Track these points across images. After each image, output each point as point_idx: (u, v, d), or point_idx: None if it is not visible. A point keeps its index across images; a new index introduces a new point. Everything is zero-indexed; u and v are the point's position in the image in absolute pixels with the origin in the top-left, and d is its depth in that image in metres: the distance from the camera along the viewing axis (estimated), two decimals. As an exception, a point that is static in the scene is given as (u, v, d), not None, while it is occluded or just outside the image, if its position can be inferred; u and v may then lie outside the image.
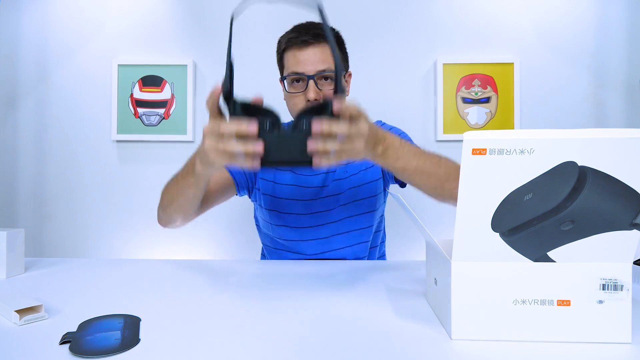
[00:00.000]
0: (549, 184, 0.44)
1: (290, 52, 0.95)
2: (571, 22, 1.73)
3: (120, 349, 0.45)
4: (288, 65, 0.96)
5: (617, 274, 0.47)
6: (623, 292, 0.46)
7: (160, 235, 1.74)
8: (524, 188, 0.45)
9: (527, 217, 0.46)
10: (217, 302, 0.63)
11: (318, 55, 0.93)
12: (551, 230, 0.46)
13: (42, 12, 1.76)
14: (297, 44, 0.94)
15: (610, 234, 0.45)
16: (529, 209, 0.45)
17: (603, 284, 0.47)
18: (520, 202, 0.45)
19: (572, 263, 0.47)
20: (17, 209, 1.77)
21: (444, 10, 1.75)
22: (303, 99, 0.94)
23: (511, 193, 0.45)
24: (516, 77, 1.71)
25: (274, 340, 0.48)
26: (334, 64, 0.64)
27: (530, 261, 0.48)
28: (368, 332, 0.51)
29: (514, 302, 0.48)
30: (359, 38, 1.74)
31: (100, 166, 1.77)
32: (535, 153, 0.43)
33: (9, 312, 0.53)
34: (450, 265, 0.48)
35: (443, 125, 1.72)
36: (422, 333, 0.51)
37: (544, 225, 0.46)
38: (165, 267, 0.86)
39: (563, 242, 0.46)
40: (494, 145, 0.43)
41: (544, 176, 0.44)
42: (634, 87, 1.72)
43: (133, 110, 1.74)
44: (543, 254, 0.47)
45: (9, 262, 0.77)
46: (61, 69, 1.76)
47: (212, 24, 1.76)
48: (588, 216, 0.45)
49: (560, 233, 0.46)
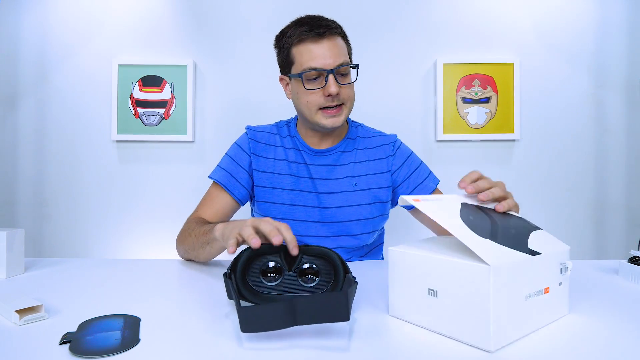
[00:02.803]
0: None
1: (304, 47, 0.91)
2: (571, 22, 1.73)
3: (120, 349, 0.45)
4: (302, 60, 0.91)
5: (565, 258, 0.55)
6: (568, 272, 0.55)
7: (160, 235, 1.75)
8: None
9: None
10: (217, 302, 0.63)
11: (334, 49, 0.91)
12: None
13: (42, 12, 1.76)
14: (312, 36, 0.90)
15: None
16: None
17: (562, 267, 0.54)
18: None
19: (548, 254, 0.52)
20: (17, 209, 1.77)
21: (444, 10, 1.75)
22: (322, 94, 0.91)
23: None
24: (516, 77, 1.71)
25: (274, 340, 0.48)
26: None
27: (526, 254, 0.49)
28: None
29: (526, 297, 0.49)
30: (359, 38, 1.74)
31: (100, 166, 1.77)
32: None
33: (9, 312, 0.53)
34: (490, 270, 0.44)
35: (443, 125, 1.72)
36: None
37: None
38: (165, 267, 0.86)
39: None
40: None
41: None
42: (634, 87, 1.72)
43: (133, 110, 1.74)
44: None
45: (9, 262, 0.77)
46: (61, 69, 1.76)
47: (212, 24, 1.76)
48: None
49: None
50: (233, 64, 1.76)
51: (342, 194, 1.00)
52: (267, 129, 1.07)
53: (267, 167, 1.01)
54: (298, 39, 0.92)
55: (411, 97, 1.76)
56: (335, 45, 0.92)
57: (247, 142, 1.03)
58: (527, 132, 1.75)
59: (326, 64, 0.89)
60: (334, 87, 0.89)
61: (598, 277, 0.76)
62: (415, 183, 1.02)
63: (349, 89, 0.95)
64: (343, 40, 0.97)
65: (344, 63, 0.91)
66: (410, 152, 1.07)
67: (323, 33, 0.90)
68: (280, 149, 1.03)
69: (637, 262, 0.73)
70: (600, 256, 1.74)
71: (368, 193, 1.01)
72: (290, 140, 1.04)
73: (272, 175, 1.01)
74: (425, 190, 1.01)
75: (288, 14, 1.74)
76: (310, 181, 1.01)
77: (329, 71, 0.89)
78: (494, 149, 1.76)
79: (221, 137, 1.75)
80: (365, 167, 1.02)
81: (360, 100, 1.74)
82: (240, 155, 1.02)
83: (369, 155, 1.04)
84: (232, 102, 1.77)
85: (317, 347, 0.47)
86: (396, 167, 1.03)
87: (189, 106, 1.73)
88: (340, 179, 1.01)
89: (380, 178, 1.02)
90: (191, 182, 1.76)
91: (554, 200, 1.75)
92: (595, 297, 0.64)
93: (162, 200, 1.76)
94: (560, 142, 1.75)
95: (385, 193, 1.02)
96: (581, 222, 1.75)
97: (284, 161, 1.02)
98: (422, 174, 1.04)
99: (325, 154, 1.02)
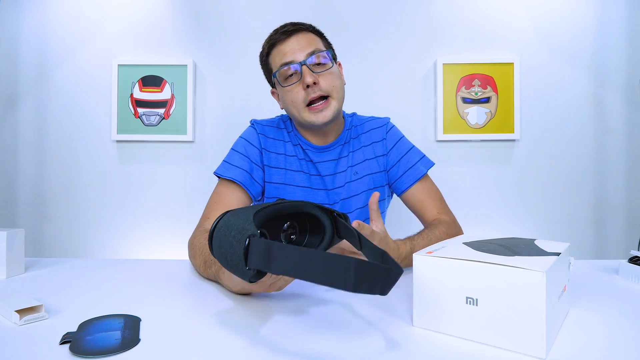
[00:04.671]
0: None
1: (275, 50, 0.93)
2: (571, 22, 1.73)
3: (120, 349, 0.45)
4: (275, 62, 0.94)
5: (569, 254, 0.56)
6: (571, 268, 0.55)
7: (161, 235, 1.75)
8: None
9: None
10: (217, 301, 0.63)
11: (302, 42, 0.91)
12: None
13: (42, 12, 1.76)
14: (279, 37, 0.92)
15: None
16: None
17: (568, 264, 0.55)
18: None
19: (564, 253, 0.53)
20: (17, 209, 1.77)
21: (444, 10, 1.75)
22: (301, 89, 0.91)
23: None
24: (516, 77, 1.71)
25: (275, 340, 0.48)
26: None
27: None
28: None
29: (557, 298, 0.48)
30: (359, 38, 1.74)
31: (100, 166, 1.77)
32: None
33: (9, 312, 0.53)
34: (544, 276, 0.43)
35: (443, 125, 1.72)
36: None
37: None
38: (165, 267, 0.86)
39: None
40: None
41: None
42: (634, 87, 1.72)
43: (133, 110, 1.74)
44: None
45: (9, 262, 0.77)
46: (61, 69, 1.76)
47: (212, 24, 1.76)
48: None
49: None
50: (233, 63, 1.76)
51: (346, 186, 1.00)
52: (274, 122, 1.04)
53: (279, 163, 0.99)
54: (268, 45, 0.95)
55: (411, 97, 1.76)
56: (303, 38, 0.92)
57: (256, 137, 1.00)
58: (527, 132, 1.75)
59: (296, 57, 0.90)
60: (309, 76, 0.89)
61: (598, 277, 0.76)
62: (405, 167, 1.02)
63: (330, 77, 0.93)
64: (317, 36, 0.96)
65: (315, 50, 0.91)
66: (402, 136, 1.07)
67: (289, 32, 0.91)
68: (289, 144, 1.01)
69: (637, 262, 0.73)
70: (600, 256, 1.74)
71: (368, 178, 1.01)
72: (294, 137, 1.02)
73: (285, 172, 0.99)
74: (415, 174, 1.00)
75: (288, 14, 1.75)
76: (320, 178, 1.00)
77: (300, 63, 0.89)
78: (494, 149, 1.76)
79: (221, 137, 1.75)
80: (361, 154, 1.02)
81: (360, 100, 1.75)
82: (251, 150, 0.98)
83: (363, 140, 1.04)
84: (232, 102, 1.77)
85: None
86: (388, 149, 1.04)
87: (189, 106, 1.73)
88: (344, 171, 1.01)
89: (377, 162, 1.03)
90: (191, 182, 1.76)
91: (554, 200, 1.75)
92: (595, 297, 0.63)
93: (162, 200, 1.76)
94: (560, 142, 1.75)
95: (382, 177, 1.03)
96: (581, 222, 1.75)
97: (294, 157, 1.00)
98: (413, 157, 1.03)
99: (328, 150, 1.01)
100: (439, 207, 0.99)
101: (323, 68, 0.92)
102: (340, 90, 0.95)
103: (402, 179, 1.01)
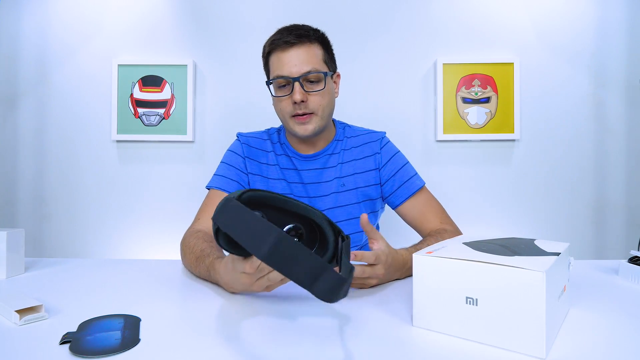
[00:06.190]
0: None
1: (274, 55, 0.94)
2: (571, 22, 1.73)
3: (120, 349, 0.45)
4: (272, 68, 0.95)
5: (568, 254, 0.56)
6: (570, 268, 0.56)
7: (160, 235, 1.75)
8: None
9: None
10: (217, 301, 0.63)
11: (302, 56, 0.91)
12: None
13: (42, 12, 1.76)
14: (280, 45, 0.92)
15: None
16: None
17: (568, 264, 0.55)
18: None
19: (564, 253, 0.53)
20: (17, 209, 1.78)
21: (443, 10, 1.75)
22: (290, 102, 0.93)
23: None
24: (516, 77, 1.71)
25: (275, 340, 0.48)
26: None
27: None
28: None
29: (557, 298, 0.49)
30: (358, 38, 1.74)
31: (100, 166, 1.77)
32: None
33: (9, 312, 0.53)
34: (543, 276, 0.43)
35: (443, 125, 1.72)
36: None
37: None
38: (165, 267, 0.86)
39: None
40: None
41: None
42: (634, 87, 1.72)
43: (133, 110, 1.74)
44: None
45: (9, 262, 0.77)
46: (61, 69, 1.76)
47: (212, 24, 1.76)
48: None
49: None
50: (233, 64, 1.76)
51: (331, 196, 1.01)
52: (258, 135, 1.08)
53: (261, 171, 1.03)
54: (270, 48, 0.95)
55: (411, 97, 1.76)
56: (304, 52, 0.92)
57: (240, 147, 1.05)
58: (527, 132, 1.75)
59: (292, 72, 0.91)
60: (298, 94, 0.90)
61: (598, 277, 0.76)
62: (399, 182, 1.02)
63: (319, 96, 0.93)
64: (321, 47, 0.96)
65: (311, 71, 0.91)
66: (397, 151, 1.07)
67: (292, 42, 0.91)
68: (271, 154, 1.04)
69: (637, 262, 0.73)
70: (600, 256, 1.74)
71: (356, 192, 1.01)
72: (280, 147, 1.05)
73: (266, 180, 1.02)
74: (410, 188, 1.01)
75: (288, 14, 1.75)
76: (302, 186, 1.02)
77: (294, 79, 0.90)
78: (494, 149, 1.76)
79: (221, 137, 1.75)
80: (352, 167, 1.03)
81: (360, 100, 1.76)
82: (236, 160, 1.03)
83: (356, 154, 1.04)
84: (232, 102, 1.77)
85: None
86: (382, 164, 1.04)
87: (189, 106, 1.73)
88: (329, 181, 1.02)
89: (368, 176, 1.02)
90: (191, 182, 1.76)
91: (554, 200, 1.75)
92: (595, 297, 0.64)
93: (162, 200, 1.76)
94: (560, 142, 1.75)
95: (374, 190, 1.03)
96: (581, 222, 1.75)
97: (276, 166, 1.03)
98: (407, 173, 1.03)
99: (314, 159, 1.02)
100: (441, 217, 0.99)
101: (316, 87, 0.93)
102: (326, 108, 0.96)
103: (398, 192, 1.01)
